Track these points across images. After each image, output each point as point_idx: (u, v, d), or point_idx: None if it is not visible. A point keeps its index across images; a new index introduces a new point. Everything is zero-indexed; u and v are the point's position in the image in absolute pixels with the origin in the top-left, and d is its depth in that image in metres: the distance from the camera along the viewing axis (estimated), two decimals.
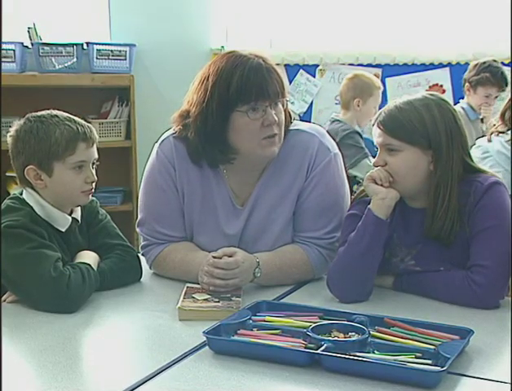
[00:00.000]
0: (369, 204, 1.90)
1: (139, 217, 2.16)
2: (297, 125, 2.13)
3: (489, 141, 3.14)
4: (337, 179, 2.09)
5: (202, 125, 1.97)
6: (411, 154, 1.87)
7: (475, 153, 2.96)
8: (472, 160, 1.93)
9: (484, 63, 4.21)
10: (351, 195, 2.15)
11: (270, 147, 1.99)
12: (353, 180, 3.62)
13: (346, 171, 2.18)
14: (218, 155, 2.01)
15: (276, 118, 1.96)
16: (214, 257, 1.90)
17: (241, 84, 1.92)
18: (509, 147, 3.10)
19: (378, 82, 4.07)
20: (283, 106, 2.01)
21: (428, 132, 1.85)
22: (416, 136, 1.85)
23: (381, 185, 1.89)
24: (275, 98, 1.96)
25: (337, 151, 2.12)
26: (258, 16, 4.71)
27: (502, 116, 3.11)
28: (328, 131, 2.20)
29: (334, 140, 2.18)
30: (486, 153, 3.03)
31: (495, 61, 4.27)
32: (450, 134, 1.87)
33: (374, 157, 1.97)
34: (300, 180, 2.06)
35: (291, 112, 2.10)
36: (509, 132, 3.13)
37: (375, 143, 1.94)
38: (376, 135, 1.92)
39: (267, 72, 1.94)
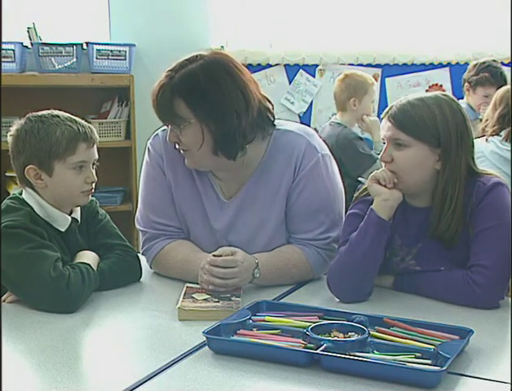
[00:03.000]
0: (371, 203, 1.90)
1: (137, 212, 2.18)
2: (286, 125, 2.12)
3: (486, 140, 3.16)
4: (327, 179, 2.07)
5: None
6: (418, 150, 1.86)
7: None
8: (475, 165, 1.92)
9: (484, 63, 4.21)
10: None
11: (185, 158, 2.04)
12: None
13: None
14: None
15: (176, 139, 1.99)
16: (214, 256, 1.90)
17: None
18: (503, 147, 3.12)
19: (371, 78, 4.04)
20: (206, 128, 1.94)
21: (438, 130, 1.85)
22: (425, 133, 1.85)
23: (385, 186, 1.89)
24: (166, 121, 2.00)
25: (325, 151, 2.10)
26: (258, 16, 4.70)
27: (500, 118, 3.11)
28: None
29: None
30: (479, 153, 3.04)
31: (494, 61, 4.27)
32: (460, 135, 1.86)
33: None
34: (287, 180, 2.05)
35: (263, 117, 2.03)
36: (503, 132, 3.15)
37: (382, 137, 1.93)
38: (385, 129, 1.90)
39: (162, 94, 1.93)
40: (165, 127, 2.12)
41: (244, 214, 2.08)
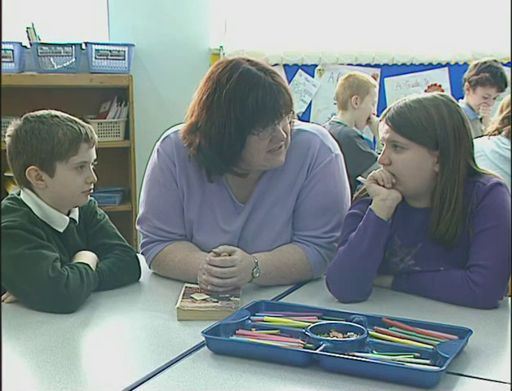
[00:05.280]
0: (370, 203, 1.90)
1: (139, 214, 2.16)
2: (300, 124, 2.14)
3: (489, 139, 3.17)
4: (338, 179, 2.09)
5: (218, 146, 1.94)
6: (416, 153, 1.86)
7: None
8: (476, 164, 1.92)
9: (485, 63, 4.21)
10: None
11: (276, 157, 1.99)
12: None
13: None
14: (227, 168, 2.01)
15: (284, 134, 1.96)
16: (214, 254, 1.90)
17: (256, 109, 1.89)
18: (504, 146, 3.12)
19: (373, 81, 4.07)
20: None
21: (436, 132, 1.85)
22: (423, 135, 1.85)
23: (383, 186, 1.89)
24: (286, 115, 1.97)
25: (338, 152, 2.12)
26: (257, 16, 4.70)
27: (505, 120, 3.13)
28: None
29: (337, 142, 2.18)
30: (479, 152, 3.04)
31: (495, 61, 4.26)
32: (458, 136, 1.86)
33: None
34: (301, 179, 2.07)
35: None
36: (504, 131, 3.15)
37: (380, 139, 1.93)
38: (383, 131, 1.90)
39: (278, 93, 1.92)
40: (175, 129, 2.11)
41: (258, 214, 2.08)
